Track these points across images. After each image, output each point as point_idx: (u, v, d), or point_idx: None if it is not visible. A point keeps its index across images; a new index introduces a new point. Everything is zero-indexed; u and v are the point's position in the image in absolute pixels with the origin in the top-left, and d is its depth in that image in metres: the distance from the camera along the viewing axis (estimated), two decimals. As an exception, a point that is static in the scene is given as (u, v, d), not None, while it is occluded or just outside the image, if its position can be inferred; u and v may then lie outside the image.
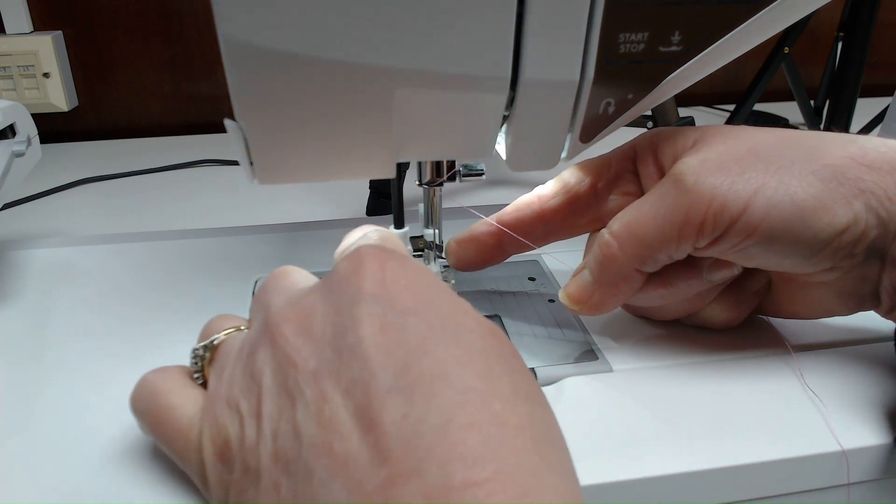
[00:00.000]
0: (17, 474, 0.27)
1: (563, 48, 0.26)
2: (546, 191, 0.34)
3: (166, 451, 0.26)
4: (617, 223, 0.31)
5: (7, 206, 0.63)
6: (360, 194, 0.60)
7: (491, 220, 0.35)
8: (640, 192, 0.33)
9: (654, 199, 0.30)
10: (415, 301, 0.22)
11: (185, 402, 0.25)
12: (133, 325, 0.36)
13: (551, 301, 0.38)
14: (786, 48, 0.70)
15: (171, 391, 0.26)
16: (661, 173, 0.31)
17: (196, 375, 0.27)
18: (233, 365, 0.25)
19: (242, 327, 0.27)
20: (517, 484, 0.18)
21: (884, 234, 0.28)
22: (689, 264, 0.32)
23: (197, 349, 0.27)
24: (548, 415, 0.21)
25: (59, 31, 0.79)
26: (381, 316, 0.21)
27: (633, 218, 0.30)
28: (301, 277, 0.27)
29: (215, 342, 0.27)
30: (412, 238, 0.37)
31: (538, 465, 0.19)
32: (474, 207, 0.37)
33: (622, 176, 0.33)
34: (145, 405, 0.26)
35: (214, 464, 0.23)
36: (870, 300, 0.31)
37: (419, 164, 0.34)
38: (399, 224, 0.36)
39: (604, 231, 0.31)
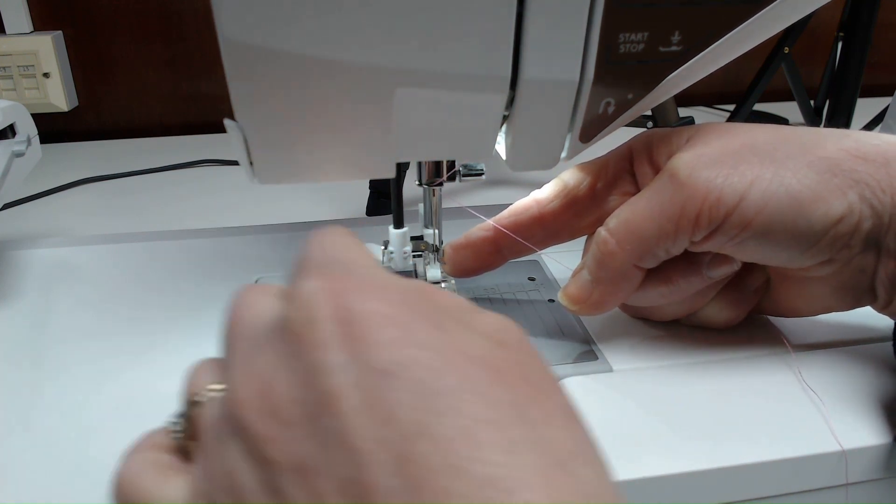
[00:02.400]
0: (17, 474, 0.27)
1: (563, 48, 0.26)
2: (544, 194, 0.34)
3: None
4: (614, 220, 0.31)
5: (7, 206, 0.63)
6: (360, 194, 0.60)
7: (488, 228, 0.35)
8: (637, 191, 0.33)
9: (650, 195, 0.30)
10: (391, 353, 0.18)
11: (169, 493, 0.21)
12: (133, 325, 0.36)
13: (551, 301, 0.38)
14: (786, 48, 0.70)
15: (149, 491, 0.21)
16: (656, 171, 0.32)
17: (176, 436, 0.23)
18: (208, 452, 0.20)
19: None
20: None
21: (878, 225, 0.28)
22: (689, 261, 0.32)
23: (173, 420, 0.23)
24: (596, 474, 0.18)
25: (59, 31, 0.79)
26: (356, 385, 0.17)
27: (629, 214, 0.30)
28: (266, 305, 0.21)
29: (196, 403, 0.22)
30: (412, 238, 0.37)
31: None
32: (474, 207, 0.37)
33: (620, 177, 0.33)
34: None
35: None
36: (867, 295, 0.31)
37: (419, 164, 0.34)
38: (399, 224, 0.36)
39: (601, 229, 0.31)
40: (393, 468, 0.16)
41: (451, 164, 0.34)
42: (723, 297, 0.34)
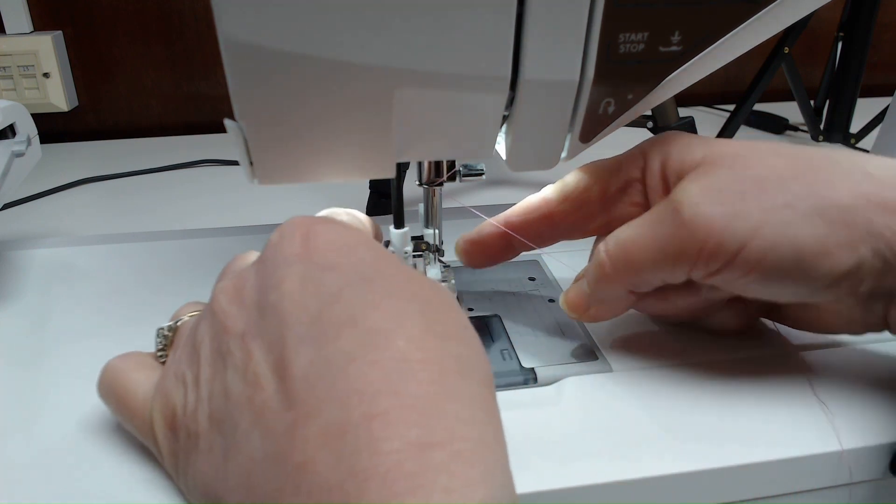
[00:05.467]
0: (17, 474, 0.27)
1: (563, 48, 0.26)
2: (554, 195, 0.34)
3: (129, 428, 0.28)
4: (613, 241, 0.31)
5: (7, 206, 0.63)
6: (360, 194, 0.60)
7: (498, 223, 0.35)
8: (647, 202, 0.32)
9: (651, 224, 0.30)
10: (335, 257, 0.23)
11: (143, 380, 0.27)
12: (133, 325, 0.36)
13: (551, 301, 0.38)
14: (786, 48, 0.70)
15: (129, 371, 0.28)
16: (665, 186, 0.31)
17: (160, 355, 0.29)
18: (184, 341, 0.27)
19: None
20: (415, 413, 0.19)
21: (890, 275, 0.27)
22: (688, 283, 0.31)
23: (161, 328, 0.29)
24: (467, 350, 0.22)
25: (59, 31, 0.79)
26: (301, 274, 0.23)
27: (629, 241, 0.30)
28: (253, 256, 0.28)
29: (177, 324, 0.29)
30: (412, 238, 0.37)
31: (439, 395, 0.20)
32: (475, 207, 0.37)
33: (630, 185, 0.33)
34: (107, 387, 0.28)
35: (165, 433, 0.25)
36: (879, 327, 0.31)
37: (419, 164, 0.34)
38: (399, 224, 0.36)
39: (600, 247, 0.31)
40: (307, 323, 0.21)
41: (451, 164, 0.34)
42: (733, 306, 0.33)
